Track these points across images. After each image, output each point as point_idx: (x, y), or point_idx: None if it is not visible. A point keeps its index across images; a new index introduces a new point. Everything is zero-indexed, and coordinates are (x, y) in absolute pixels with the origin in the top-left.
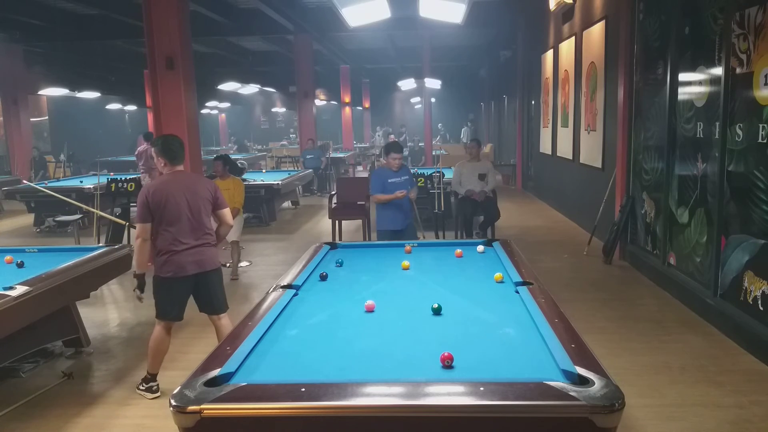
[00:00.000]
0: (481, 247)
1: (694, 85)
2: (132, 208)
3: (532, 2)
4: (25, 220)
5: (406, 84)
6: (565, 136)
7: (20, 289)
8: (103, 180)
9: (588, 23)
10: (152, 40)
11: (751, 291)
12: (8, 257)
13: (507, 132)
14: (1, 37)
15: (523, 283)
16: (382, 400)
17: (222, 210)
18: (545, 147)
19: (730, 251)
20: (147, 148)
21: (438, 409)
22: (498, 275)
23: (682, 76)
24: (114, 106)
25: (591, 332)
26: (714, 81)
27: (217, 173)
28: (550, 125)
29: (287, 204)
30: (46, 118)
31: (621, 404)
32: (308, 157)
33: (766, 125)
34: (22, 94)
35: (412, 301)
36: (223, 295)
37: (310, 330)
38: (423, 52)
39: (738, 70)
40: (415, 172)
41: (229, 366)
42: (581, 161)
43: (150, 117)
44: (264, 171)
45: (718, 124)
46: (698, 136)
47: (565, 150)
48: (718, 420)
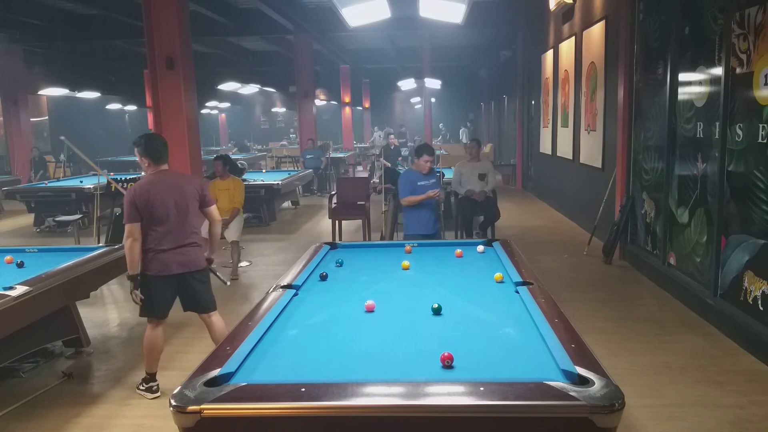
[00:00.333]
0: (481, 247)
1: (694, 85)
2: None
3: (532, 2)
4: (25, 220)
5: (406, 84)
6: (565, 136)
7: (20, 289)
8: (103, 180)
9: (588, 23)
10: (152, 40)
11: (751, 291)
12: (8, 257)
13: (507, 132)
14: (1, 37)
15: (523, 283)
16: (382, 400)
17: (209, 207)
18: (545, 147)
19: (730, 251)
20: None
21: (438, 409)
22: (498, 275)
23: (682, 76)
24: (114, 106)
25: (591, 332)
26: (714, 81)
27: (218, 173)
28: (550, 125)
29: (287, 204)
30: (46, 118)
31: (621, 404)
32: (308, 157)
33: (766, 125)
34: (22, 94)
35: (412, 301)
36: (211, 294)
37: (310, 330)
38: (423, 52)
39: (738, 70)
40: None
41: (229, 366)
42: (581, 161)
43: (150, 117)
44: (264, 171)
45: (718, 124)
46: (698, 136)
47: (565, 150)
48: (718, 420)
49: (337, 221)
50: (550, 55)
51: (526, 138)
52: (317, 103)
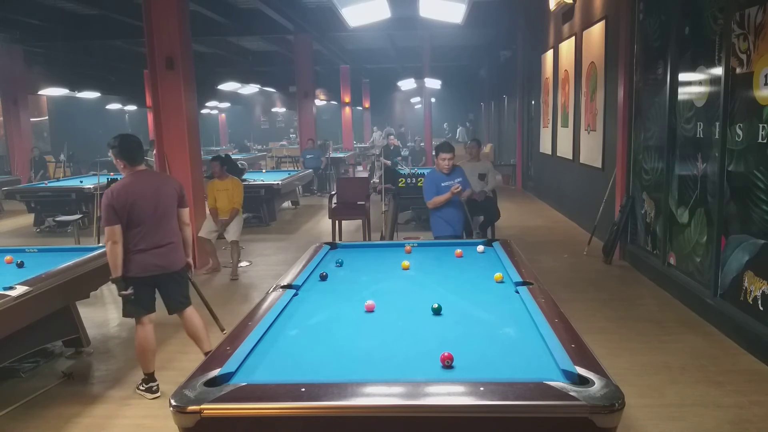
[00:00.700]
0: (481, 247)
1: (694, 85)
2: None
3: (532, 2)
4: (25, 220)
5: (406, 84)
6: (565, 136)
7: (20, 289)
8: (103, 180)
9: (588, 23)
10: (152, 40)
11: (751, 291)
12: (8, 257)
13: (507, 132)
14: (1, 37)
15: (523, 283)
16: (382, 400)
17: (183, 209)
18: (545, 147)
19: (730, 251)
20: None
21: (438, 409)
22: (498, 275)
23: (682, 76)
24: (114, 106)
25: (591, 332)
26: (714, 81)
27: (215, 174)
28: (550, 125)
29: (287, 204)
30: (46, 118)
31: (621, 404)
32: (308, 157)
33: (766, 125)
34: (22, 94)
35: (412, 301)
36: (186, 294)
37: (310, 330)
38: (423, 52)
39: (738, 70)
40: (416, 172)
41: (229, 366)
42: (581, 161)
43: (150, 117)
44: (264, 171)
45: (718, 124)
46: (698, 136)
47: (565, 150)
48: (718, 420)
49: (337, 221)
50: (550, 55)
51: (526, 138)
52: (317, 103)
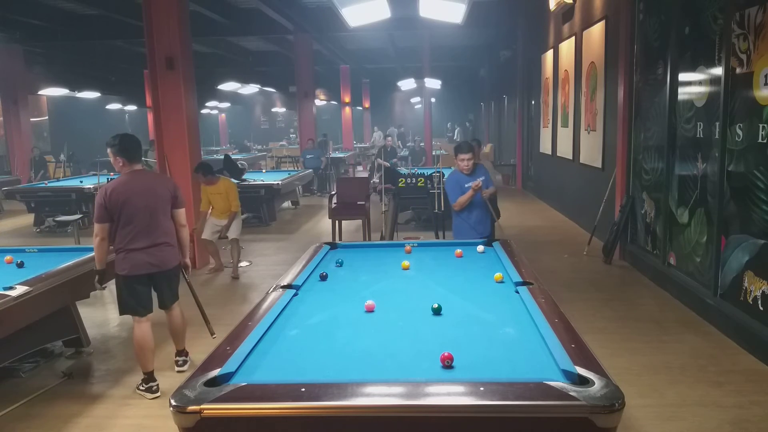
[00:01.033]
0: (481, 247)
1: (694, 85)
2: None
3: (532, 2)
4: (25, 220)
5: (406, 84)
6: (565, 136)
7: (20, 289)
8: (103, 180)
9: (588, 23)
10: (152, 40)
11: (751, 291)
12: (8, 257)
13: (507, 132)
14: (1, 37)
15: (523, 283)
16: (382, 400)
17: (178, 210)
18: (545, 147)
19: (730, 251)
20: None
21: (438, 409)
22: (498, 275)
23: (682, 76)
24: (114, 106)
25: (591, 332)
26: (714, 81)
27: (202, 182)
28: (550, 125)
29: (287, 204)
30: (46, 118)
31: (621, 404)
32: (308, 157)
33: (766, 125)
34: (22, 94)
35: (412, 301)
36: (177, 288)
37: (310, 330)
38: (423, 52)
39: (738, 70)
40: (415, 172)
41: (229, 366)
42: (581, 161)
43: (150, 117)
44: (264, 171)
45: (718, 124)
46: (698, 136)
47: (565, 150)
48: (718, 420)
49: (337, 221)
50: (550, 55)
51: (526, 138)
52: (317, 103)
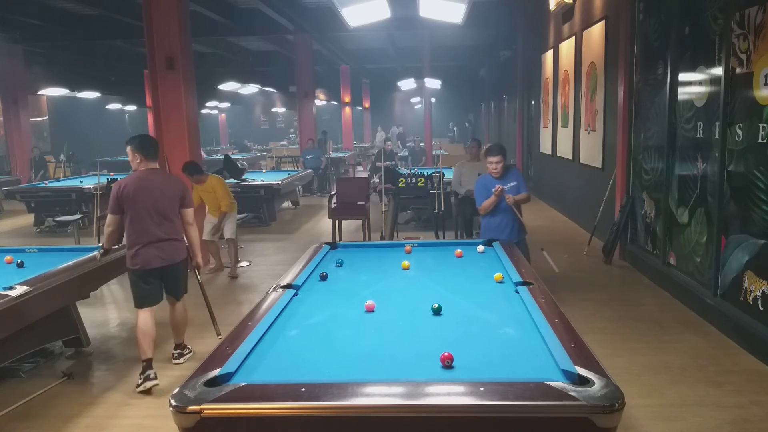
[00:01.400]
0: (481, 247)
1: (694, 85)
2: None
3: (532, 2)
4: (25, 220)
5: (406, 84)
6: (565, 136)
7: (20, 289)
8: (103, 180)
9: (588, 23)
10: (152, 40)
11: (751, 291)
12: (8, 257)
13: (507, 132)
14: (1, 37)
15: (523, 283)
16: (382, 400)
17: (185, 209)
18: (545, 147)
19: (730, 251)
20: None
21: (438, 409)
22: (498, 275)
23: (682, 76)
24: (114, 106)
25: (591, 332)
26: (714, 81)
27: (192, 182)
28: (550, 125)
29: (287, 204)
30: (46, 118)
31: (621, 404)
32: (308, 157)
33: (766, 125)
34: (22, 94)
35: (412, 301)
36: (186, 281)
37: (310, 330)
38: (423, 52)
39: (738, 70)
40: (415, 172)
41: (229, 366)
42: (581, 161)
43: (150, 117)
44: (264, 171)
45: (718, 124)
46: (698, 136)
47: (565, 150)
48: (718, 420)
49: (337, 221)
50: (550, 55)
51: (526, 138)
52: (317, 103)
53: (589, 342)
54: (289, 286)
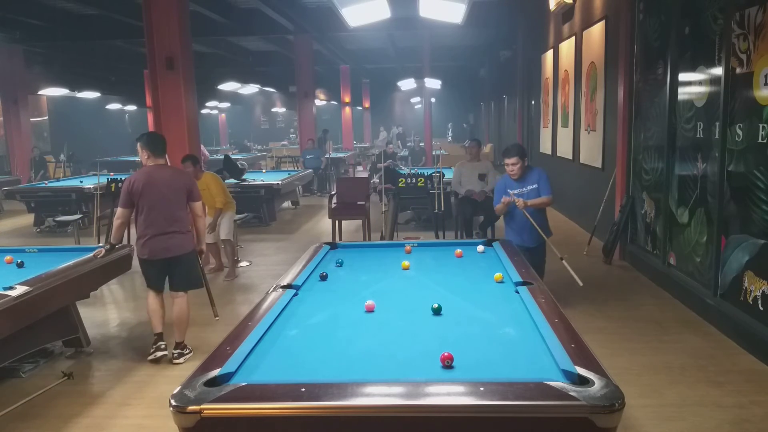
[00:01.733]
0: (481, 247)
1: (694, 85)
2: None
3: (532, 2)
4: (25, 220)
5: (406, 84)
6: (565, 136)
7: (20, 289)
8: (103, 180)
9: (588, 23)
10: (152, 40)
11: (751, 291)
12: (8, 257)
13: (507, 132)
14: (1, 37)
15: (523, 283)
16: (382, 400)
17: (193, 202)
18: (545, 147)
19: (730, 251)
20: None
21: (438, 409)
22: (498, 275)
23: (682, 76)
24: (114, 106)
25: (591, 332)
26: (714, 81)
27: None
28: (550, 125)
29: (287, 204)
30: (46, 118)
31: (621, 404)
32: (308, 157)
33: (766, 125)
34: (22, 94)
35: (412, 301)
36: (195, 274)
37: (310, 330)
38: (423, 52)
39: (738, 70)
40: (415, 172)
41: (229, 366)
42: (581, 161)
43: (150, 117)
44: (264, 171)
45: (718, 124)
46: (698, 136)
47: (565, 150)
48: (718, 420)
49: (337, 221)
50: (550, 55)
51: (526, 138)
52: (317, 103)
53: (589, 342)
54: (289, 286)
